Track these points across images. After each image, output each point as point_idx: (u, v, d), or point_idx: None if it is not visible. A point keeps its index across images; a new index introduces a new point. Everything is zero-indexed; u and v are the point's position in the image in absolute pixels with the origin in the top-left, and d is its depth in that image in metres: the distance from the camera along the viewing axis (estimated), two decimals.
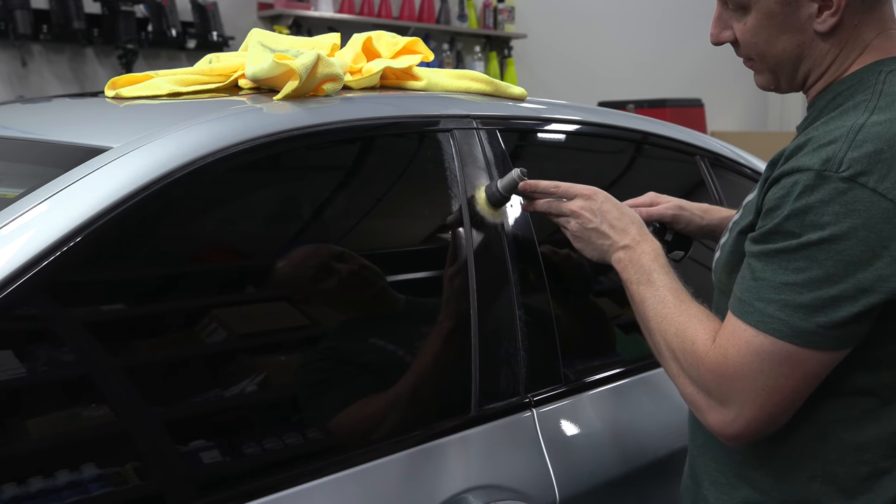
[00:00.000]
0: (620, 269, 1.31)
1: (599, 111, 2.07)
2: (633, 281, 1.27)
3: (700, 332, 1.15)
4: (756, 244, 1.10)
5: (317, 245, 1.44)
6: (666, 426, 1.70)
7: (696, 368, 1.13)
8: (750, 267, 1.11)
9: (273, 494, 1.20)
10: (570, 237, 1.40)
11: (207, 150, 1.26)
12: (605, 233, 1.34)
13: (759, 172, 2.22)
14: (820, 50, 1.16)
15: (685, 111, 5.78)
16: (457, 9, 5.79)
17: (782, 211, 1.06)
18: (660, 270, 1.26)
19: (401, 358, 1.45)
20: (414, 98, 1.71)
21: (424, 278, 1.60)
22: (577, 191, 1.40)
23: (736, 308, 1.11)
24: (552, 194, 1.43)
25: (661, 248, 1.31)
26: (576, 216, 1.38)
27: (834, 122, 1.11)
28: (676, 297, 1.21)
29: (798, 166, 1.07)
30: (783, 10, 1.13)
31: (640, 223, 1.36)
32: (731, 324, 1.11)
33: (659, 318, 1.21)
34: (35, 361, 1.11)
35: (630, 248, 1.31)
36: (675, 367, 1.18)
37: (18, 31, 3.92)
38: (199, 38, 4.50)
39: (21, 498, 1.03)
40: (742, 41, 1.19)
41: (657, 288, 1.24)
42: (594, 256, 1.37)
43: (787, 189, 1.07)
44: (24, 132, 1.54)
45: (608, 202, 1.37)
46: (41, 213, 1.11)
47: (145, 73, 1.68)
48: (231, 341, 1.29)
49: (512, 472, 1.46)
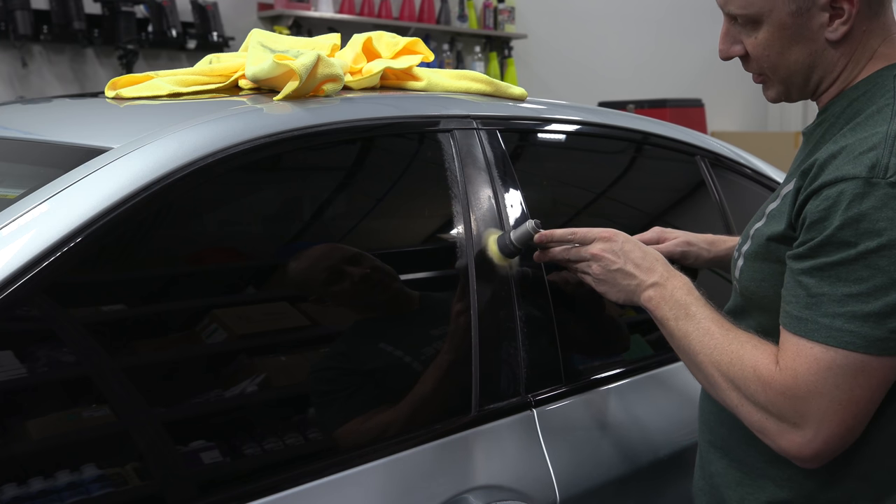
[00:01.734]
0: (653, 308, 1.28)
1: (599, 111, 2.07)
2: (671, 317, 1.25)
3: (758, 357, 1.13)
4: (805, 260, 1.09)
5: (327, 246, 1.44)
6: (666, 425, 1.71)
7: (763, 394, 1.12)
8: (801, 284, 1.09)
9: (273, 495, 1.20)
10: (592, 282, 1.37)
11: (208, 151, 1.26)
12: (630, 273, 1.32)
13: (760, 173, 2.22)
14: (831, 58, 1.17)
15: (685, 111, 5.78)
16: (457, 9, 5.79)
17: (832, 222, 1.06)
18: (696, 303, 1.24)
19: (402, 361, 1.45)
20: (414, 98, 1.71)
21: (424, 279, 1.60)
22: (594, 234, 1.38)
23: (795, 327, 1.10)
24: (569, 241, 1.40)
25: (691, 282, 1.29)
26: (597, 259, 1.36)
27: (863, 129, 1.11)
28: (721, 327, 1.20)
29: (841, 175, 1.06)
30: (795, 21, 1.14)
31: (664, 259, 1.34)
32: (792, 343, 1.10)
33: (708, 350, 1.18)
34: (35, 361, 1.11)
35: (660, 285, 1.29)
36: (736, 397, 1.15)
37: (19, 31, 3.92)
38: (199, 39, 4.50)
39: (21, 498, 1.03)
40: (754, 55, 1.20)
41: (699, 320, 1.22)
42: (620, 298, 1.34)
43: (833, 199, 1.06)
44: (25, 133, 1.54)
45: (629, 242, 1.35)
46: (41, 213, 1.11)
47: (145, 73, 1.68)
48: (231, 342, 1.29)
49: (512, 472, 1.45)
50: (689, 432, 1.66)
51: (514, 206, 1.60)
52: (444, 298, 1.56)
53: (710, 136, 2.39)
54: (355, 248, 1.45)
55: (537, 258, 1.48)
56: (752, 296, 1.23)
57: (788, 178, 1.21)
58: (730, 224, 2.05)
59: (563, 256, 1.42)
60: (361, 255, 1.44)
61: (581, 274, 1.40)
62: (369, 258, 1.45)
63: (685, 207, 2.16)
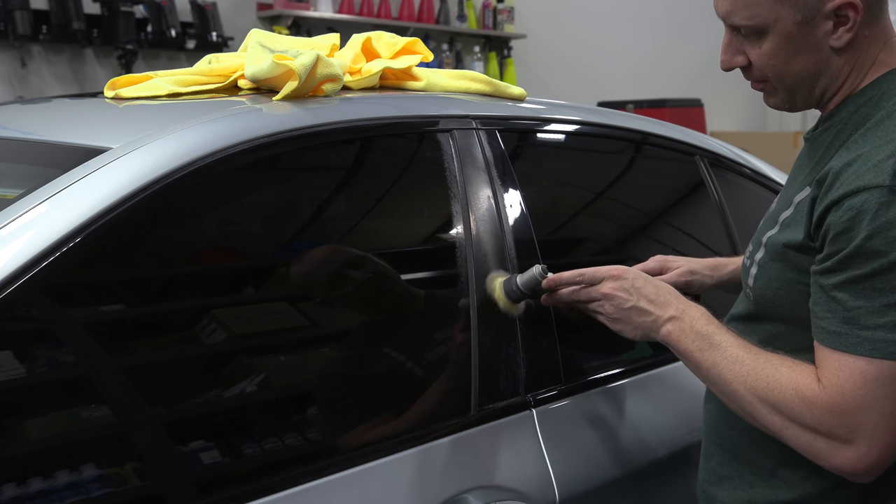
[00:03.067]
0: (673, 342, 1.26)
1: (599, 111, 2.07)
2: (694, 349, 1.23)
3: (798, 377, 1.12)
4: (834, 274, 1.08)
5: (329, 248, 1.44)
6: (666, 425, 1.71)
7: (809, 414, 1.10)
8: (835, 299, 1.08)
9: (273, 495, 1.20)
10: (606, 321, 1.34)
11: (207, 151, 1.26)
12: (644, 309, 1.29)
13: (759, 172, 2.22)
14: (836, 65, 1.17)
15: (685, 111, 5.78)
16: (456, 9, 5.79)
17: (858, 232, 1.05)
18: (719, 331, 1.22)
19: (406, 364, 1.45)
20: (413, 98, 1.71)
21: (424, 279, 1.60)
22: (603, 273, 1.34)
23: (834, 342, 1.09)
24: (578, 283, 1.37)
25: (707, 311, 1.27)
26: (609, 298, 1.32)
27: (876, 135, 1.11)
28: (749, 352, 1.18)
29: (863, 185, 1.06)
30: (800, 30, 1.14)
31: (676, 291, 1.32)
32: (833, 359, 1.09)
33: (742, 378, 1.17)
34: (35, 361, 1.11)
35: (677, 318, 1.26)
36: (779, 420, 1.14)
37: (18, 31, 3.91)
38: (198, 39, 4.49)
39: (21, 498, 1.03)
40: (758, 65, 1.19)
41: (725, 349, 1.20)
42: (637, 336, 1.32)
43: (857, 209, 1.06)
44: (24, 133, 1.54)
45: (639, 278, 1.33)
46: (41, 213, 1.11)
47: (145, 73, 1.68)
48: (230, 342, 1.29)
49: (512, 472, 1.45)
50: (689, 432, 1.66)
51: (513, 206, 1.60)
52: (445, 297, 1.56)
53: (710, 136, 2.39)
54: (358, 251, 1.45)
55: (545, 301, 1.43)
56: (767, 304, 1.22)
57: (799, 184, 1.20)
58: (729, 224, 2.05)
59: (574, 298, 1.38)
60: (364, 259, 1.43)
61: (593, 314, 1.36)
62: (372, 261, 1.45)
63: (684, 207, 2.16)
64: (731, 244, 2.04)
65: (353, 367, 1.39)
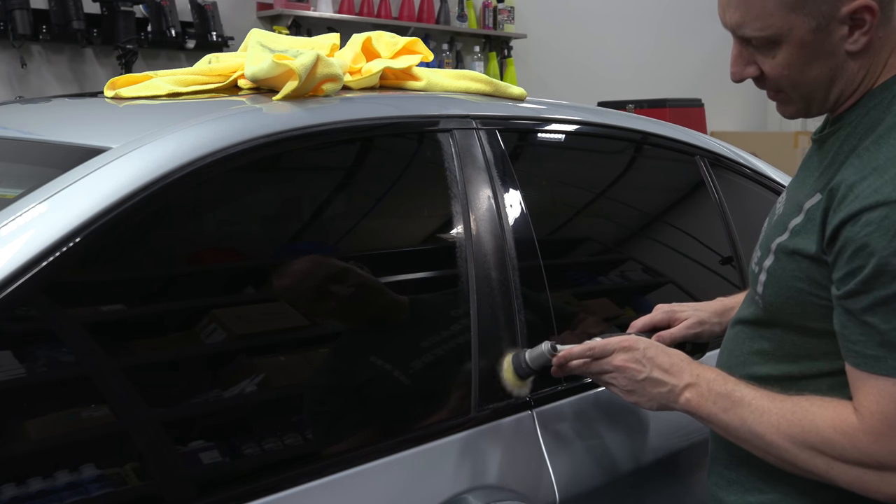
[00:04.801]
0: (694, 408, 1.24)
1: (599, 111, 2.07)
2: (718, 411, 1.20)
3: (832, 414, 1.10)
4: (860, 297, 1.05)
5: (311, 262, 1.42)
6: (666, 426, 1.70)
7: (854, 449, 1.08)
8: (866, 323, 1.05)
9: (273, 495, 1.20)
10: (620, 393, 1.32)
11: (207, 151, 1.26)
12: (659, 379, 1.27)
13: (759, 172, 2.22)
14: (851, 70, 1.15)
15: (685, 111, 5.77)
16: (456, 9, 5.79)
17: (880, 249, 1.02)
18: (737, 387, 1.20)
19: (396, 371, 1.44)
20: (414, 98, 1.71)
21: (424, 279, 1.60)
22: (613, 345, 1.31)
23: (872, 366, 1.06)
24: (588, 357, 1.34)
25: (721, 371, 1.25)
26: (622, 371, 1.30)
27: (889, 144, 1.09)
28: (774, 401, 1.16)
29: (883, 199, 1.04)
30: (815, 38, 1.11)
31: (687, 356, 1.29)
32: (872, 385, 1.06)
33: (774, 427, 1.14)
34: (34, 361, 1.11)
35: (694, 385, 1.24)
36: (824, 462, 1.11)
37: (18, 31, 3.91)
38: (198, 39, 4.49)
39: (20, 498, 1.03)
40: (773, 75, 1.16)
41: (749, 403, 1.17)
42: (653, 407, 1.29)
43: (877, 224, 1.03)
44: (24, 132, 1.54)
45: (651, 347, 1.30)
46: (40, 213, 1.11)
47: (145, 73, 1.68)
48: (230, 342, 1.29)
49: (512, 472, 1.45)
50: (689, 432, 1.66)
51: (513, 206, 1.60)
52: (434, 300, 1.55)
53: (710, 136, 2.39)
54: (341, 264, 1.43)
55: (555, 374, 1.39)
56: (777, 311, 1.20)
57: (809, 189, 1.18)
58: (729, 224, 2.05)
59: (585, 371, 1.35)
60: (347, 271, 1.42)
61: (606, 385, 1.34)
62: (355, 273, 1.43)
63: (685, 207, 2.16)
64: (731, 244, 2.04)
65: (340, 379, 1.39)
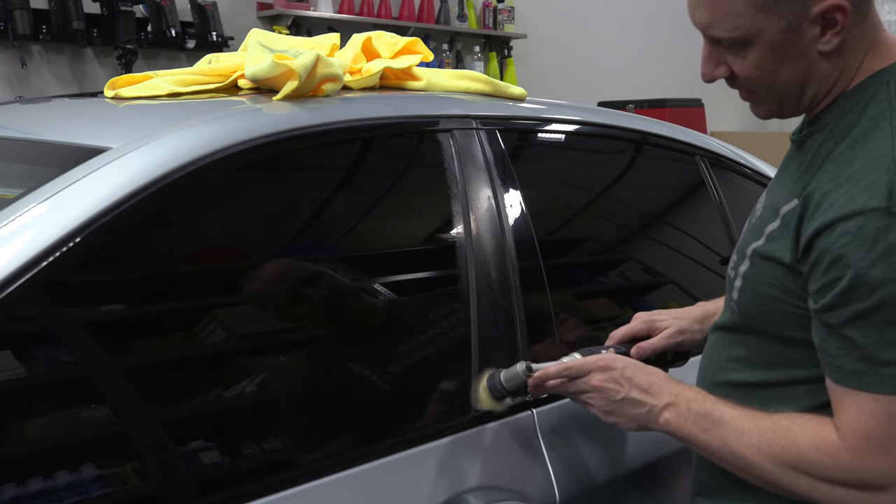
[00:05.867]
0: (673, 429, 1.20)
1: (599, 111, 2.07)
2: (698, 432, 1.17)
3: (812, 431, 1.07)
4: (838, 310, 1.02)
5: (282, 264, 1.39)
6: None
7: (836, 467, 1.05)
8: (845, 337, 1.02)
9: (272, 495, 1.19)
10: (598, 413, 1.27)
11: (207, 151, 1.26)
12: (638, 399, 1.23)
13: (759, 173, 2.22)
14: (824, 70, 1.11)
15: (685, 111, 5.76)
16: (456, 9, 5.79)
17: (856, 260, 0.99)
18: (716, 407, 1.17)
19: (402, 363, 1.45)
20: (414, 98, 1.71)
21: (423, 279, 1.60)
22: (590, 365, 1.27)
23: (852, 381, 1.02)
24: (565, 377, 1.30)
25: (701, 390, 1.22)
26: (599, 391, 1.26)
27: (864, 149, 1.05)
28: (752, 420, 1.13)
29: (858, 208, 1.00)
30: (786, 38, 1.08)
31: (667, 375, 1.26)
32: (853, 401, 1.03)
33: (755, 447, 1.11)
34: (34, 361, 1.11)
35: (674, 405, 1.20)
36: (806, 482, 1.08)
37: (18, 31, 3.91)
38: (198, 39, 4.49)
39: (20, 498, 1.03)
40: (744, 76, 1.13)
41: (728, 422, 1.14)
42: (632, 427, 1.26)
43: (853, 235, 1.00)
44: (24, 132, 1.54)
45: (629, 366, 1.26)
46: (40, 213, 1.11)
47: (145, 73, 1.68)
48: (230, 342, 1.29)
49: (512, 472, 1.45)
50: None
51: (513, 206, 1.60)
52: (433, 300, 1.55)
53: (710, 136, 2.39)
54: (313, 266, 1.41)
55: (532, 393, 1.35)
56: (752, 318, 1.18)
57: (786, 194, 1.14)
58: (729, 224, 2.05)
59: (563, 390, 1.31)
60: (321, 274, 1.40)
61: (584, 405, 1.30)
62: (329, 276, 1.42)
63: (685, 207, 2.16)
64: (731, 244, 2.03)
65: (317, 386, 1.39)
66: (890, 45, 1.13)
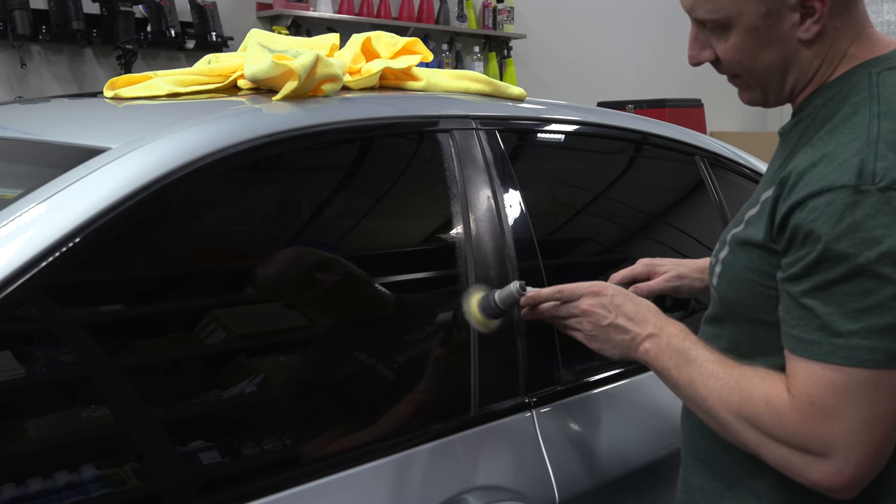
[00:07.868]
0: (651, 360, 1.22)
1: (599, 111, 2.07)
2: (671, 367, 1.19)
3: (769, 388, 1.08)
4: (802, 280, 1.04)
5: (296, 251, 1.42)
6: (665, 426, 1.70)
7: (781, 426, 1.06)
8: (805, 306, 1.03)
9: (272, 495, 1.20)
10: (583, 339, 1.29)
11: (206, 151, 1.26)
12: (623, 326, 1.25)
13: (760, 173, 2.22)
14: (805, 58, 1.13)
15: (685, 111, 5.77)
16: (456, 9, 5.79)
17: (824, 235, 1.01)
18: (695, 346, 1.18)
19: (400, 363, 1.45)
20: (413, 98, 1.71)
21: (423, 278, 1.60)
22: (582, 290, 1.29)
23: (805, 350, 1.04)
24: (557, 300, 1.32)
25: (686, 327, 1.23)
26: (587, 315, 1.27)
27: (842, 133, 1.08)
28: (724, 367, 1.14)
29: (828, 185, 1.02)
30: (766, 23, 1.11)
31: (656, 308, 1.27)
32: (803, 367, 1.04)
33: (716, 393, 1.12)
34: (34, 361, 1.11)
35: (656, 335, 1.22)
36: (755, 435, 1.09)
37: (17, 31, 3.91)
38: (198, 39, 4.49)
39: (20, 498, 1.03)
40: (725, 59, 1.16)
41: (700, 364, 1.15)
42: (615, 354, 1.26)
43: (822, 210, 1.01)
44: (23, 133, 1.54)
45: (619, 294, 1.27)
46: (40, 213, 1.11)
47: (144, 73, 1.68)
48: (230, 342, 1.29)
49: (512, 472, 1.45)
50: None
51: (513, 206, 1.60)
52: (433, 300, 1.55)
53: (710, 136, 2.39)
54: (326, 254, 1.43)
55: (525, 316, 1.37)
56: (730, 305, 1.19)
57: (768, 182, 1.16)
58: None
59: (552, 314, 1.32)
60: (333, 261, 1.41)
61: (571, 331, 1.32)
62: (341, 263, 1.43)
63: (684, 207, 2.16)
64: None
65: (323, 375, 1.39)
66: (875, 40, 1.16)
